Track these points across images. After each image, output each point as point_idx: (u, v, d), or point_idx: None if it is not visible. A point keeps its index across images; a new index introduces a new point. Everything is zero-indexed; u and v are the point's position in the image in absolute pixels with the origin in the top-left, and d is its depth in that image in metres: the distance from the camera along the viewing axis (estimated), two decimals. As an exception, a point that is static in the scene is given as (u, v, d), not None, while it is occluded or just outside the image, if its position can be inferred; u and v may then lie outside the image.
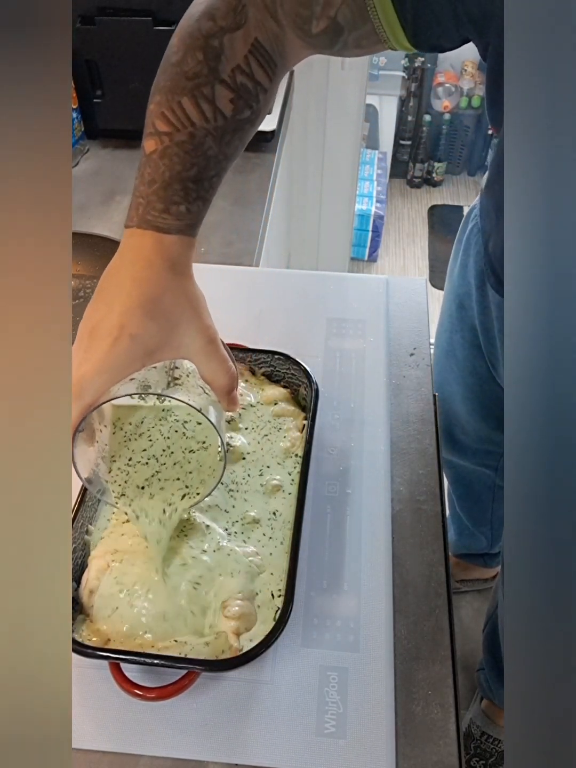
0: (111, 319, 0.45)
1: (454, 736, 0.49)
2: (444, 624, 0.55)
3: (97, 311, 0.46)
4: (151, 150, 0.48)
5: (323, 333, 0.77)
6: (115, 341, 0.45)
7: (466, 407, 0.99)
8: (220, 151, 0.49)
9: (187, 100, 0.48)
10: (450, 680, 0.52)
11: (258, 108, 0.51)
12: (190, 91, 0.48)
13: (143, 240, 0.48)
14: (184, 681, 0.47)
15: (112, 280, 0.48)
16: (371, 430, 0.67)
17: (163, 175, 0.48)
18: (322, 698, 0.50)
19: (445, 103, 2.61)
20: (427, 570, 0.58)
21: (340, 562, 0.57)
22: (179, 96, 0.48)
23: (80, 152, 1.18)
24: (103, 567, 0.53)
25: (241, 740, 0.48)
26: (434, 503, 0.63)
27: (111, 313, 0.45)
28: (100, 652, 0.47)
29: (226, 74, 0.49)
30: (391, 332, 0.78)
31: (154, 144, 0.48)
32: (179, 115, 0.48)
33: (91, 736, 0.49)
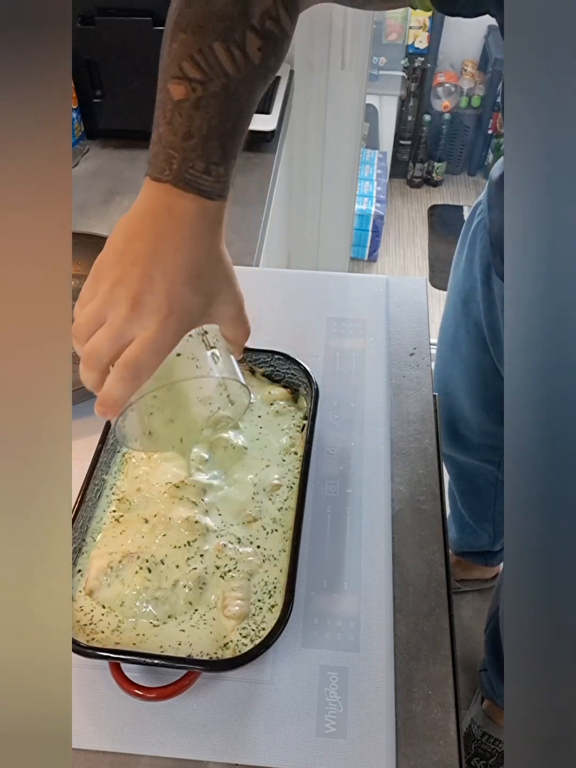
0: (158, 295, 0.44)
1: (454, 736, 0.49)
2: (444, 624, 0.55)
3: (131, 275, 0.44)
4: (181, 97, 0.45)
5: (323, 333, 0.77)
6: (165, 319, 0.44)
7: (471, 402, 0.99)
8: (251, 102, 0.47)
9: (219, 45, 0.45)
10: (450, 680, 0.52)
11: (281, 56, 0.49)
12: (221, 34, 0.45)
13: (185, 203, 0.45)
14: (184, 681, 0.47)
15: (144, 243, 0.45)
16: (371, 430, 0.67)
17: (201, 129, 0.45)
18: (322, 698, 0.50)
19: (445, 103, 2.61)
20: (427, 570, 0.58)
21: (340, 562, 0.57)
22: (210, 39, 0.45)
23: (80, 152, 1.18)
24: (103, 567, 0.53)
25: (241, 740, 0.48)
26: (434, 503, 0.63)
27: (156, 288, 0.44)
28: (100, 652, 0.47)
29: (255, 19, 0.46)
30: (391, 332, 0.78)
31: (184, 91, 0.45)
32: (211, 61, 0.45)
33: (91, 736, 0.49)
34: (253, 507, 0.58)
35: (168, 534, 0.55)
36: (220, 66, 0.45)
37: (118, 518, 0.57)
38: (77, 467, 0.55)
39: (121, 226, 0.46)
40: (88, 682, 0.51)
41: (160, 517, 0.56)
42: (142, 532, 0.55)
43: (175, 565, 0.53)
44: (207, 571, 0.53)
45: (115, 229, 0.46)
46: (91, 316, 0.44)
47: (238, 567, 0.54)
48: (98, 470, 0.58)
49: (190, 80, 0.45)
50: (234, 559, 0.54)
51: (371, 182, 2.43)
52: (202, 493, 0.58)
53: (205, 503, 0.57)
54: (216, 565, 0.54)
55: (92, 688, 0.51)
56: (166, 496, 0.57)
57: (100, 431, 0.60)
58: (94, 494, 0.58)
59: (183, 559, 0.54)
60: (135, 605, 0.51)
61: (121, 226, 0.46)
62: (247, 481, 0.60)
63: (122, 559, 0.53)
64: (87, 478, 0.56)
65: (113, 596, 0.52)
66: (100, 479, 0.59)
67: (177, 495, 0.57)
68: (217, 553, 0.54)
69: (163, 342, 0.44)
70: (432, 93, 2.62)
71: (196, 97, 0.45)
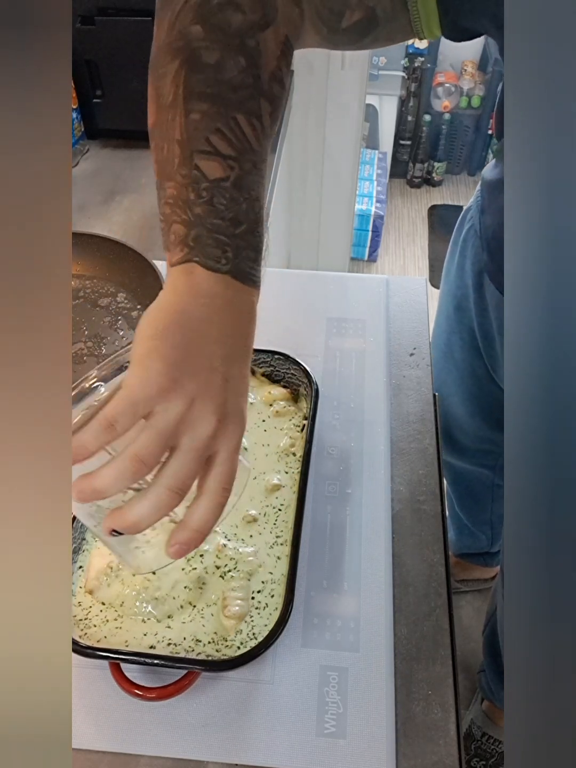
0: (238, 404, 0.40)
1: (454, 736, 0.49)
2: (444, 624, 0.55)
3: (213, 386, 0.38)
4: (218, 176, 0.41)
5: (323, 333, 0.77)
6: (243, 428, 0.40)
7: (466, 409, 0.99)
8: (266, 177, 0.44)
9: (241, 117, 0.42)
10: (450, 680, 0.52)
11: (281, 120, 0.46)
12: (240, 106, 0.42)
13: (246, 298, 0.42)
14: (184, 681, 0.47)
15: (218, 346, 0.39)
16: (371, 430, 0.67)
17: (248, 215, 0.41)
18: (322, 698, 0.50)
19: (445, 103, 2.61)
20: (427, 570, 0.58)
21: (340, 562, 0.57)
22: (232, 111, 0.42)
23: (80, 152, 1.18)
24: (102, 567, 0.53)
25: (241, 740, 0.48)
26: (434, 503, 0.63)
27: (235, 396, 0.39)
28: (100, 652, 0.47)
29: (265, 84, 0.43)
30: (391, 332, 0.78)
31: (221, 169, 0.41)
32: (239, 135, 0.42)
33: (91, 736, 0.49)
34: (253, 507, 0.58)
35: (168, 534, 0.55)
36: (247, 140, 0.42)
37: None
38: (77, 467, 0.55)
39: (171, 319, 0.39)
40: (88, 682, 0.51)
41: (160, 517, 0.56)
42: (142, 532, 0.55)
43: (174, 565, 0.53)
44: (207, 571, 0.53)
45: (153, 322, 0.39)
46: (165, 437, 0.37)
47: (238, 567, 0.54)
48: (98, 470, 0.58)
49: (224, 157, 0.41)
50: (234, 559, 0.54)
51: (371, 182, 2.43)
52: (202, 493, 0.58)
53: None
54: (216, 565, 0.54)
55: (92, 688, 0.51)
56: (166, 496, 0.57)
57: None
58: (94, 494, 0.58)
59: (183, 559, 0.54)
60: (135, 605, 0.51)
61: (171, 318, 0.39)
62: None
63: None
64: (87, 478, 0.56)
65: (113, 596, 0.52)
66: (100, 479, 0.59)
67: (177, 495, 0.57)
68: (217, 553, 0.54)
69: (238, 455, 0.39)
70: (432, 93, 2.62)
71: (235, 176, 0.41)
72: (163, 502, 0.37)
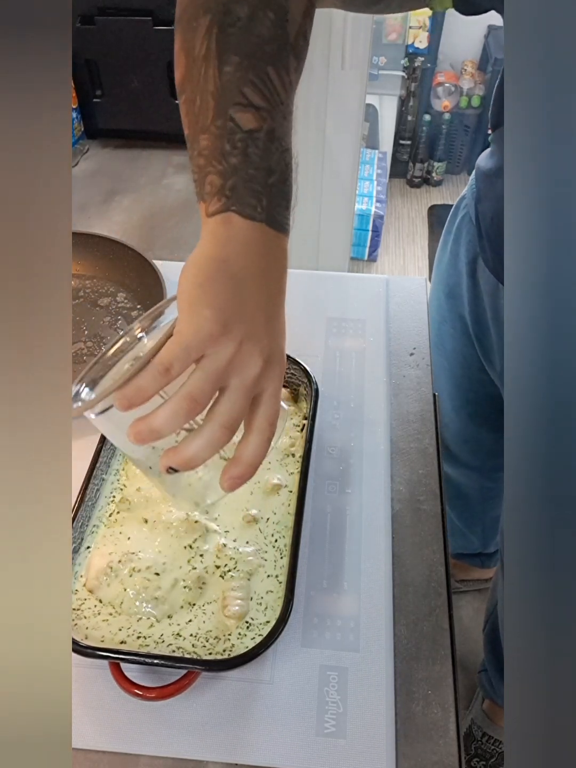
0: (280, 345, 0.43)
1: (454, 736, 0.49)
2: (444, 624, 0.55)
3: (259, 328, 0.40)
4: (252, 126, 0.42)
5: (323, 332, 0.77)
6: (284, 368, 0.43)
7: (452, 403, 0.99)
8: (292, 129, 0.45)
9: (272, 70, 0.43)
10: (450, 680, 0.52)
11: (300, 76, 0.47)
12: (270, 59, 0.43)
13: (280, 244, 0.43)
14: (184, 681, 0.47)
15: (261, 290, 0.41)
16: (371, 429, 0.67)
17: (279, 164, 0.43)
18: (322, 698, 0.50)
19: (445, 103, 2.61)
20: (427, 570, 0.58)
21: (340, 561, 0.57)
22: (263, 63, 0.43)
23: (80, 152, 1.18)
24: (102, 567, 0.53)
25: (241, 740, 0.48)
26: (434, 503, 0.63)
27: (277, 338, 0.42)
28: (100, 652, 0.47)
29: (292, 38, 0.44)
30: (391, 332, 0.78)
31: (255, 121, 0.42)
32: (270, 88, 0.43)
33: (91, 736, 0.49)
34: (253, 507, 0.58)
35: (168, 534, 0.55)
36: (277, 92, 0.43)
37: (118, 518, 0.57)
38: (77, 467, 0.55)
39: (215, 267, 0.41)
40: (88, 682, 0.51)
41: (160, 517, 0.56)
42: (142, 532, 0.55)
43: (174, 565, 0.53)
44: (207, 570, 0.53)
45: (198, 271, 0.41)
46: (216, 377, 0.39)
47: (238, 567, 0.54)
48: (98, 470, 0.58)
49: (258, 108, 0.42)
50: (234, 559, 0.54)
51: (371, 182, 2.43)
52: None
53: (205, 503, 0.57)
54: (216, 565, 0.54)
55: (92, 688, 0.51)
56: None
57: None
58: (94, 494, 0.58)
59: (183, 559, 0.54)
60: (135, 605, 0.51)
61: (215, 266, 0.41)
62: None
63: (122, 558, 0.53)
64: (87, 478, 0.56)
65: (113, 596, 0.52)
66: (100, 479, 0.59)
67: (177, 495, 0.57)
68: (217, 553, 0.54)
69: (280, 393, 0.42)
70: (432, 93, 2.62)
71: (268, 128, 0.43)
72: (216, 438, 0.39)
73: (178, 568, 0.53)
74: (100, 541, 0.56)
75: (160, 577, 0.52)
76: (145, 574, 0.52)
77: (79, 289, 0.84)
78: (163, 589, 0.52)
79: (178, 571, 0.53)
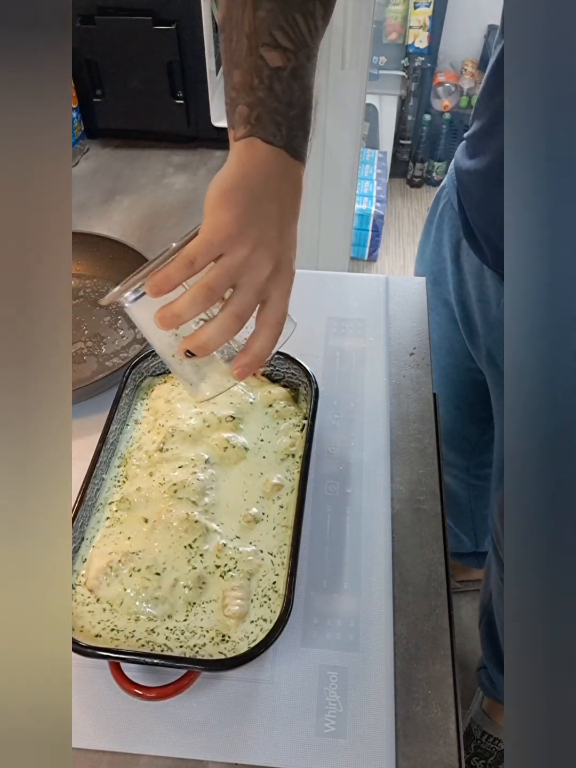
0: (289, 255, 0.48)
1: (454, 735, 0.49)
2: (444, 624, 0.55)
3: (270, 237, 0.46)
4: (278, 65, 0.48)
5: (323, 332, 0.77)
6: (292, 278, 0.48)
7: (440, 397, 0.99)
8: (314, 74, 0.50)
9: (299, 16, 0.48)
10: (450, 680, 0.52)
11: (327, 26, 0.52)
12: (299, 6, 0.49)
13: (296, 170, 0.49)
14: (184, 681, 0.47)
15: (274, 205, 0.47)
16: (371, 429, 0.67)
17: (300, 100, 0.48)
18: (321, 698, 0.50)
19: (445, 103, 2.61)
20: (427, 569, 0.58)
21: (340, 561, 0.57)
22: (292, 10, 0.48)
23: (80, 152, 1.18)
24: (102, 567, 0.53)
25: (241, 740, 0.48)
26: (434, 503, 0.63)
27: (288, 249, 0.47)
28: (100, 651, 0.47)
29: None
30: (391, 331, 0.78)
31: (280, 59, 0.48)
32: (297, 32, 0.48)
33: (91, 736, 0.49)
34: (253, 507, 0.58)
35: (168, 534, 0.55)
36: (303, 37, 0.49)
37: (118, 518, 0.57)
38: (77, 467, 0.55)
39: (237, 181, 0.46)
40: (88, 682, 0.51)
41: (160, 517, 0.56)
42: (142, 532, 0.55)
43: (174, 565, 0.53)
44: (207, 570, 0.53)
45: (222, 183, 0.46)
46: (231, 273, 0.45)
47: (238, 567, 0.54)
48: (98, 470, 0.58)
49: (285, 49, 0.48)
50: (234, 559, 0.54)
51: (371, 182, 2.43)
52: (202, 492, 0.58)
53: (205, 503, 0.57)
54: (216, 565, 0.54)
55: (92, 688, 0.51)
56: (166, 496, 0.57)
57: (100, 431, 0.60)
58: (94, 494, 0.58)
59: (183, 559, 0.54)
60: (135, 605, 0.51)
61: (237, 180, 0.46)
62: (247, 481, 0.60)
63: (122, 558, 0.53)
64: (87, 478, 0.56)
65: (113, 596, 0.52)
66: (99, 479, 0.59)
67: (177, 495, 0.57)
68: (217, 552, 0.54)
69: (288, 299, 0.47)
70: (432, 93, 2.62)
71: (292, 67, 0.48)
72: (228, 325, 0.45)
73: (178, 568, 0.53)
74: (100, 541, 0.56)
75: (160, 576, 0.52)
76: (145, 573, 0.52)
77: (79, 289, 0.84)
78: (163, 588, 0.52)
79: (178, 571, 0.53)
